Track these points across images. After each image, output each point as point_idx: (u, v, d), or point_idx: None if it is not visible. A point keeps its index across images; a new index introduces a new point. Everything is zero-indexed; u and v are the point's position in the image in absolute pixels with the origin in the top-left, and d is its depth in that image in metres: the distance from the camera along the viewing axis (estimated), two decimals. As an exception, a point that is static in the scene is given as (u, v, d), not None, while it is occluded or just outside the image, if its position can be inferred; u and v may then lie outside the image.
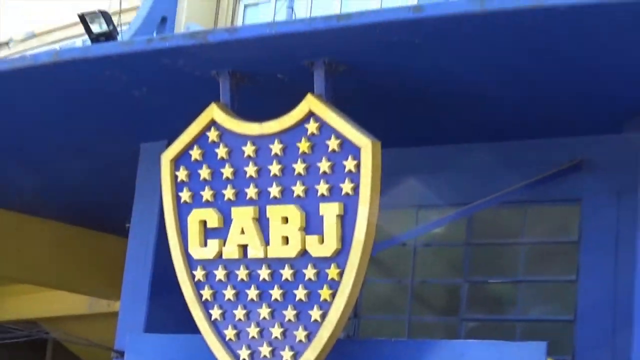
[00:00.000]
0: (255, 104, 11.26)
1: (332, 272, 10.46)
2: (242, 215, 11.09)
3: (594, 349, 11.48)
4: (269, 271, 10.87)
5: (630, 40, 10.00)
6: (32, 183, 16.34)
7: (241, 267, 11.06)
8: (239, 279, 11.06)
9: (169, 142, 11.75)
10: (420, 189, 12.63)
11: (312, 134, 10.74)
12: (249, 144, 11.08)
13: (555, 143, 12.43)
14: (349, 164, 10.49)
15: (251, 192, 11.05)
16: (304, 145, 10.75)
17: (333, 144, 10.60)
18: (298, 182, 10.80)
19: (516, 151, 12.68)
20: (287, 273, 10.76)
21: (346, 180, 10.50)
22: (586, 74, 10.88)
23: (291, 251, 10.76)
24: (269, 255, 10.89)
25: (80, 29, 13.87)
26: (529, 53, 10.61)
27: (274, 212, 10.90)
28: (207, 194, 11.34)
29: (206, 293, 11.21)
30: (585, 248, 12.24)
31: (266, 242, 10.92)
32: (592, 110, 11.67)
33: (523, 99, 11.66)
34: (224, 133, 11.28)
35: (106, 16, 13.47)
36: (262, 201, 11.00)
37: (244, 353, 10.88)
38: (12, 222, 17.55)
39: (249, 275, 11.00)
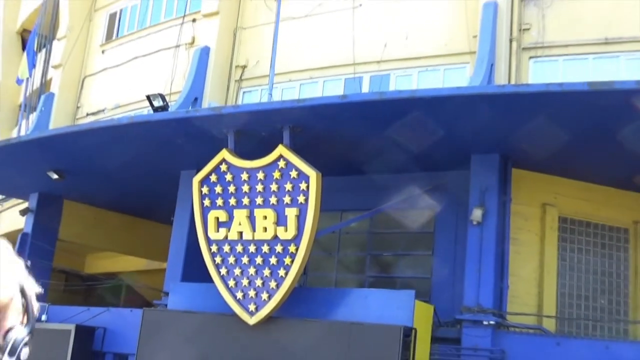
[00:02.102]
0: (249, 149, 11.26)
1: (292, 248, 10.67)
2: (240, 214, 11.17)
3: (442, 295, 11.47)
4: (254, 247, 10.97)
5: (461, 116, 10.43)
6: (117, 192, 16.33)
7: (238, 244, 11.13)
8: (237, 251, 11.12)
9: (198, 171, 11.74)
10: (343, 200, 12.53)
11: (282, 167, 10.90)
12: (244, 172, 11.19)
13: (424, 174, 12.30)
14: (303, 185, 10.70)
15: (245, 201, 11.15)
16: (276, 174, 10.92)
17: (294, 173, 10.79)
18: (273, 196, 10.91)
19: (401, 179, 12.28)
20: (265, 248, 10.87)
21: (301, 195, 10.69)
22: (440, 134, 10.78)
23: (268, 235, 10.87)
24: (255, 238, 10.98)
25: (147, 103, 13.89)
26: (400, 126, 10.69)
27: (258, 213, 11.00)
28: (219, 202, 11.39)
29: (217, 259, 11.28)
30: (437, 236, 12.32)
31: (253, 230, 11.01)
32: (443, 156, 11.73)
33: (408, 154, 11.50)
34: (230, 166, 11.35)
35: (162, 96, 13.55)
36: (252, 206, 11.08)
37: (239, 294, 10.94)
38: (101, 214, 17.55)
39: (243, 249, 11.07)
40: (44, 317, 14.82)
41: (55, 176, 14.61)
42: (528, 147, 11.04)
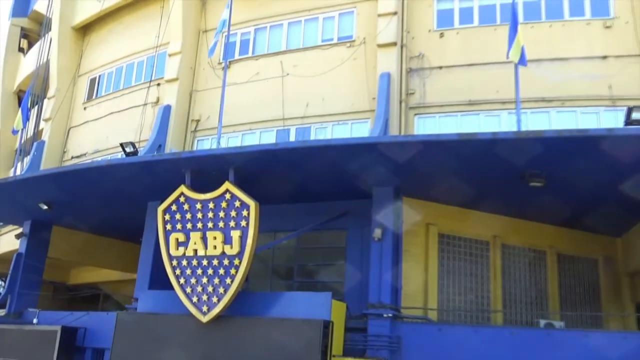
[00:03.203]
0: (202, 184, 11.12)
1: (236, 261, 10.55)
2: (195, 236, 10.97)
3: (353, 295, 11.46)
4: (207, 261, 10.80)
5: (364, 158, 10.49)
6: (96, 219, 15.82)
7: (194, 259, 10.93)
8: (192, 265, 10.92)
9: (161, 202, 11.46)
10: (276, 223, 12.40)
11: (228, 199, 10.80)
12: (198, 203, 11.06)
13: (337, 203, 12.29)
14: (244, 212, 10.63)
15: (199, 225, 10.97)
16: (224, 204, 10.82)
17: (237, 203, 10.72)
18: (221, 221, 10.80)
19: (320, 206, 12.31)
20: (215, 262, 10.71)
21: (243, 220, 10.62)
22: (349, 172, 11.06)
23: (217, 252, 10.73)
24: (207, 254, 10.81)
25: (120, 149, 13.57)
26: (318, 166, 10.88)
27: (209, 235, 10.85)
28: (178, 226, 11.19)
29: (177, 271, 11.05)
30: (348, 249, 12.29)
31: (206, 248, 10.83)
32: (351, 188, 11.68)
33: (325, 187, 11.80)
34: (187, 198, 11.18)
35: (133, 144, 13.28)
36: (204, 229, 10.91)
37: (194, 299, 10.74)
38: (83, 236, 16.99)
39: (198, 263, 10.88)
40: (35, 321, 14.34)
41: (45, 207, 14.19)
42: (415, 182, 11.28)
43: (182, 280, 10.99)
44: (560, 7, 13.94)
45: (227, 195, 10.85)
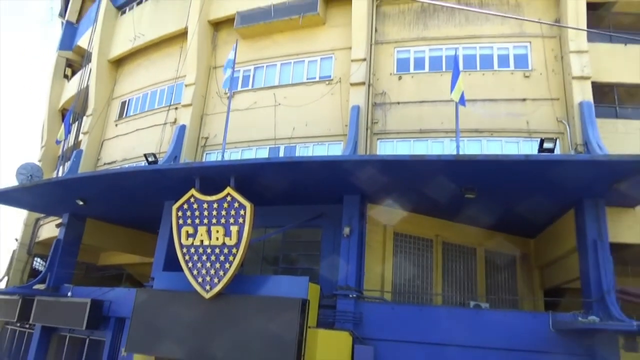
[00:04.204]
0: (208, 188, 11.01)
1: (234, 250, 10.46)
2: (202, 229, 10.86)
3: (326, 280, 11.38)
4: (210, 250, 10.68)
5: (337, 171, 10.53)
6: (122, 213, 15.60)
7: (200, 248, 10.80)
8: (199, 252, 10.78)
9: (175, 201, 11.33)
10: (266, 220, 12.26)
11: (229, 200, 10.73)
12: (205, 203, 10.96)
13: (315, 206, 12.22)
14: (242, 212, 10.57)
15: (205, 221, 10.87)
16: (225, 205, 10.73)
17: (236, 204, 10.64)
18: (223, 218, 10.70)
19: (301, 208, 12.25)
20: (217, 250, 10.59)
21: (240, 218, 10.54)
22: (325, 182, 11.01)
23: (219, 243, 10.62)
24: (211, 244, 10.70)
25: (144, 159, 13.42)
26: (302, 176, 10.81)
27: (213, 229, 10.75)
28: (188, 221, 11.06)
29: (187, 257, 10.91)
30: (323, 243, 12.17)
31: (210, 239, 10.72)
32: (326, 195, 11.73)
33: (306, 193, 11.73)
34: (196, 199, 11.08)
35: (154, 155, 13.19)
36: (209, 224, 10.80)
37: (199, 279, 10.60)
38: (111, 227, 16.66)
39: (203, 251, 10.75)
40: (69, 294, 14.02)
41: (81, 203, 13.96)
42: (376, 191, 11.29)
43: (190, 265, 10.88)
44: (491, 60, 14.15)
45: (229, 198, 10.78)
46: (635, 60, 13.48)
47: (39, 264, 21.14)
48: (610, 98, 13.49)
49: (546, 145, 10.25)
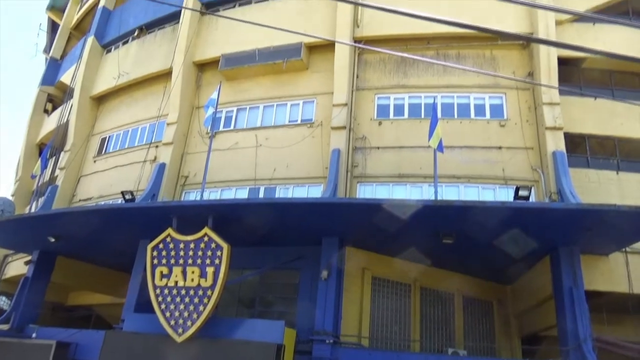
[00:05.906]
0: (186, 228, 10.92)
1: (209, 292, 10.26)
2: (177, 270, 10.67)
3: (302, 323, 11.14)
4: (185, 291, 10.47)
5: (316, 214, 10.51)
6: (94, 252, 15.15)
7: (174, 289, 10.58)
8: (173, 293, 10.55)
9: (151, 240, 11.18)
10: (243, 261, 12.14)
11: (206, 241, 10.61)
12: (182, 243, 10.83)
13: (293, 248, 12.10)
14: (219, 253, 10.44)
15: (181, 261, 10.69)
16: (202, 245, 10.61)
17: (213, 245, 10.53)
18: (199, 259, 10.55)
19: (279, 250, 12.12)
20: (191, 292, 10.38)
21: (217, 259, 10.41)
22: (304, 224, 11.04)
23: (194, 284, 10.42)
24: (186, 285, 10.49)
25: (121, 196, 13.26)
26: (280, 218, 10.80)
27: (189, 269, 10.56)
28: (163, 261, 10.87)
29: (160, 298, 10.66)
30: (300, 286, 12.02)
31: (185, 280, 10.52)
32: (305, 237, 11.67)
33: (284, 235, 11.66)
34: (172, 239, 10.94)
35: (131, 192, 13.03)
36: (185, 265, 10.62)
37: (172, 322, 10.33)
38: (82, 265, 16.13)
39: (177, 292, 10.52)
40: (34, 335, 13.42)
41: (52, 240, 13.57)
42: (355, 234, 11.29)
43: (163, 306, 10.59)
44: (468, 109, 14.59)
45: (206, 238, 10.66)
46: (604, 113, 14.09)
47: (3, 302, 20.27)
48: (583, 148, 13.98)
49: (521, 192, 10.48)
